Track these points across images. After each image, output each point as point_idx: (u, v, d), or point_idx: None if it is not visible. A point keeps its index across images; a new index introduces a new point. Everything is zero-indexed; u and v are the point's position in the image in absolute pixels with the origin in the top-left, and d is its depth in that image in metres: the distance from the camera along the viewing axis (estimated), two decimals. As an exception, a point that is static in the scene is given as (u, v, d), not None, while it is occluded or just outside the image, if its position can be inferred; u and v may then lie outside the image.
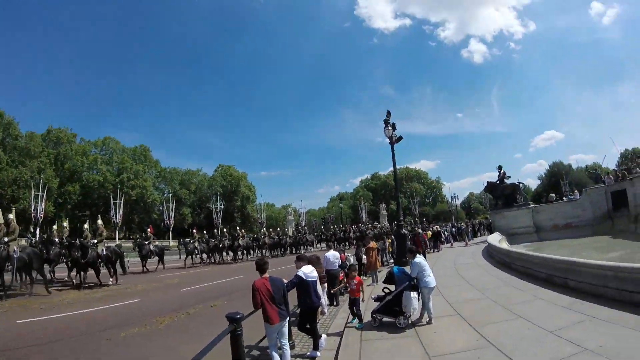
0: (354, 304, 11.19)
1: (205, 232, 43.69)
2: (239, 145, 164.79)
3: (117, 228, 71.84)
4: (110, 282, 22.43)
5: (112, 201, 70.74)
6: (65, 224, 27.31)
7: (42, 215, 57.58)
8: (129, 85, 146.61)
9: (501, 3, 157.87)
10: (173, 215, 76.27)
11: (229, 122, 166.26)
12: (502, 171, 45.32)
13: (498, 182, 45.36)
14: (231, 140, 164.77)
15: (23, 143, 76.08)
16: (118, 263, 24.62)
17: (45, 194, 62.84)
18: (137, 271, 29.67)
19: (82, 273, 21.86)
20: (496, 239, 29.34)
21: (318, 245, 53.08)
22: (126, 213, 77.87)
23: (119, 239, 67.64)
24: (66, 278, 23.22)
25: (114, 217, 70.72)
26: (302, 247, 48.83)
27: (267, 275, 7.69)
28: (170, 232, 75.06)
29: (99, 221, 25.80)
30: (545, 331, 8.36)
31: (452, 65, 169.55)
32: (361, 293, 11.53)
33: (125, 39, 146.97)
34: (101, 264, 22.60)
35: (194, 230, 40.18)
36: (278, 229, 57.56)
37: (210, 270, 32.43)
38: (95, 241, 22.84)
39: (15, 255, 17.93)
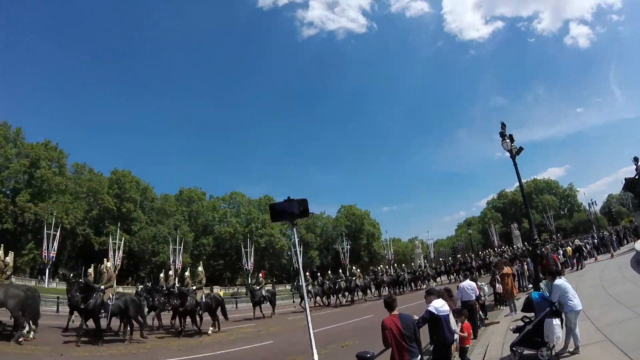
0: (462, 354, 9.74)
1: (318, 274, 41.91)
2: (358, 184, 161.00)
3: (250, 275, 73.49)
4: (210, 331, 21.26)
5: (243, 250, 72.87)
6: (171, 272, 27.08)
7: (180, 266, 60.32)
8: (246, 142, 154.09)
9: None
10: (301, 259, 76.33)
11: (345, 162, 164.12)
12: (639, 163, 38.39)
13: (637, 176, 38.32)
14: (350, 180, 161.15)
15: (159, 204, 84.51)
16: (219, 310, 23.49)
17: (182, 247, 66.74)
18: (250, 316, 28.76)
19: (182, 320, 21.02)
20: (645, 245, 25.22)
21: (439, 279, 48.67)
22: (257, 260, 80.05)
23: (257, 285, 69.17)
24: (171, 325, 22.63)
25: (246, 265, 72.55)
26: (422, 283, 45.08)
27: (396, 312, 7.15)
28: (300, 276, 74.87)
29: (200, 268, 25.08)
30: None
31: (558, 56, 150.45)
32: (470, 340, 10.51)
33: (234, 97, 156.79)
34: (200, 312, 21.58)
35: (307, 273, 38.63)
36: (395, 265, 54.01)
37: (339, 311, 31.26)
38: (195, 288, 22.01)
39: (110, 303, 17.51)
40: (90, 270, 20.66)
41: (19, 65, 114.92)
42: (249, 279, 71.76)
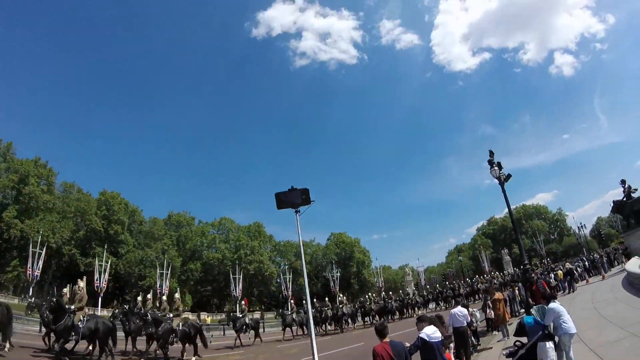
0: None
1: (304, 301, 41.00)
2: (347, 212, 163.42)
3: (237, 302, 72.12)
4: (194, 359, 20.49)
5: (231, 276, 71.46)
6: (150, 296, 26.19)
7: (166, 291, 59.12)
8: (236, 168, 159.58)
9: (572, 6, 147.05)
10: (291, 286, 75.30)
11: (335, 190, 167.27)
12: (626, 185, 38.43)
13: (624, 198, 38.45)
14: (340, 208, 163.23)
15: (147, 227, 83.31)
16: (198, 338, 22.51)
17: (169, 272, 65.55)
18: (237, 344, 27.91)
19: (163, 347, 20.14)
20: (635, 265, 25.94)
21: (431, 306, 47.62)
22: (245, 287, 78.37)
23: (240, 312, 67.99)
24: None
25: (234, 292, 71.07)
26: (410, 311, 44.46)
27: (387, 339, 7.21)
28: (289, 303, 73.87)
29: (177, 294, 24.34)
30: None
31: (544, 85, 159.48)
32: None
33: (226, 124, 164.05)
34: (175, 339, 20.65)
35: (292, 301, 37.76)
36: (384, 292, 53.19)
37: (328, 339, 30.70)
38: (172, 315, 21.19)
39: (80, 325, 16.83)
40: (66, 290, 19.93)
41: (12, 81, 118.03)
42: (237, 306, 70.74)
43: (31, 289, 50.19)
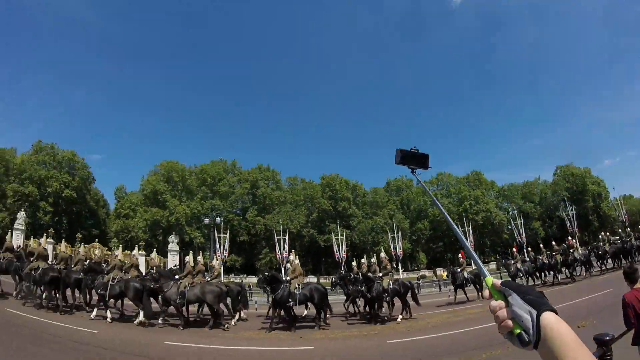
0: None
1: (529, 249, 37.93)
2: (570, 138, 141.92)
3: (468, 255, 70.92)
4: (400, 318, 20.39)
5: (460, 229, 70.17)
6: (364, 260, 27.29)
7: (400, 253, 61.32)
8: (443, 123, 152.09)
9: None
10: (523, 232, 70.53)
11: (553, 118, 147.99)
12: None
13: None
14: (558, 135, 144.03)
15: (370, 198, 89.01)
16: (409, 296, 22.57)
17: (399, 235, 67.51)
18: (463, 299, 26.83)
19: (371, 306, 21.16)
20: None
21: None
22: (476, 238, 76.68)
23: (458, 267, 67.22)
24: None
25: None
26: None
27: (639, 285, 5.90)
28: (525, 250, 69.62)
29: (382, 254, 24.71)
30: None
31: None
32: None
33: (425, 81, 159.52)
34: (387, 298, 21.15)
35: (514, 250, 35.08)
36: (628, 228, 45.77)
37: (574, 286, 27.68)
38: (381, 275, 21.80)
39: (297, 292, 18.83)
40: (288, 264, 22.38)
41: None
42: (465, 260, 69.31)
43: (283, 269, 57.04)
